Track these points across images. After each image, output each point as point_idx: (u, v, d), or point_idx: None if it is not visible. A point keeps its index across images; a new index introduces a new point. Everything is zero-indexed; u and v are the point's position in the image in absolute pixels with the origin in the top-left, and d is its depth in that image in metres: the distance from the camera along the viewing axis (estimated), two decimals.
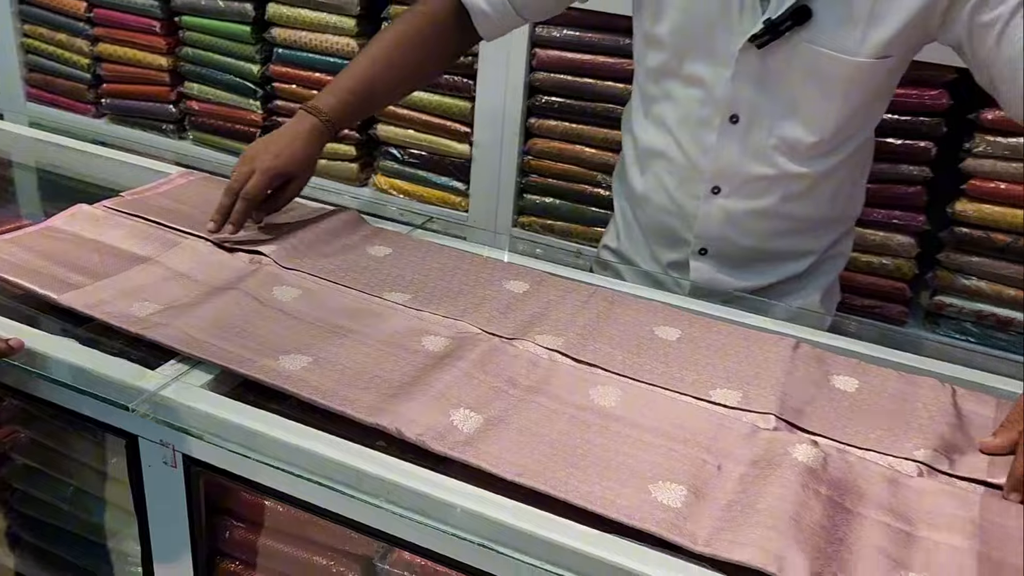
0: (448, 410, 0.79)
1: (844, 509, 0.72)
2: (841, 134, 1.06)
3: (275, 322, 0.93)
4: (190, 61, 2.03)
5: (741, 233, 1.13)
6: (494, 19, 1.16)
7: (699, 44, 1.06)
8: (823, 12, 0.99)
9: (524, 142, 1.76)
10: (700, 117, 1.09)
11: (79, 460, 1.00)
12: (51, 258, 1.03)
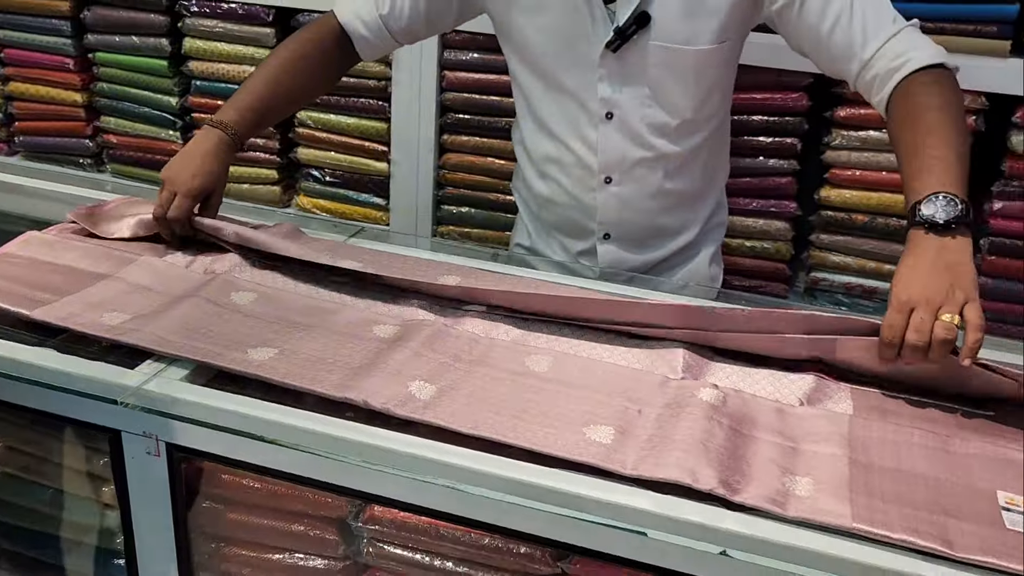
0: (405, 382, 0.92)
1: (742, 434, 0.89)
2: (700, 113, 1.25)
3: (238, 323, 1.04)
4: (106, 96, 2.09)
5: (636, 214, 1.31)
6: (373, 42, 1.32)
7: (564, 59, 1.24)
8: (661, 14, 1.17)
9: (439, 157, 1.90)
10: (580, 120, 1.26)
11: (56, 463, 1.08)
12: (13, 280, 1.11)
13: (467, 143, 1.86)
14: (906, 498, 0.82)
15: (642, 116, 1.24)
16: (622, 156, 1.27)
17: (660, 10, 1.17)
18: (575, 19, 1.21)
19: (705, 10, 1.17)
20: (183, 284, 1.12)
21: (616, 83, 1.23)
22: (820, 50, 1.17)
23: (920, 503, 0.82)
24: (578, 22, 1.21)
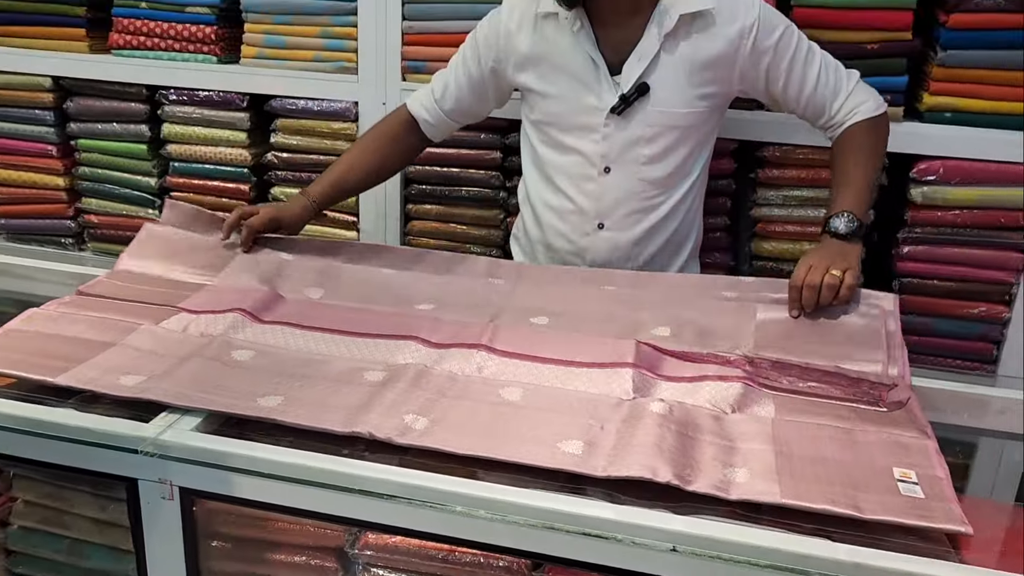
0: (401, 416, 1.07)
1: (688, 437, 1.06)
2: (684, 169, 1.50)
3: (241, 377, 1.17)
4: (87, 179, 2.22)
5: (622, 258, 1.53)
6: (435, 125, 1.64)
7: (574, 120, 1.49)
8: (658, 84, 1.44)
9: (404, 224, 2.06)
10: (582, 173, 1.50)
11: (75, 513, 1.19)
12: (27, 352, 1.23)
13: (430, 211, 2.03)
14: (823, 478, 1.00)
15: (636, 170, 1.49)
16: (616, 205, 1.50)
17: (658, 81, 1.44)
18: (586, 87, 1.47)
19: (695, 83, 1.44)
20: (185, 347, 1.25)
21: (616, 142, 1.47)
22: (798, 111, 1.50)
23: (834, 481, 0.99)
24: (586, 90, 1.47)
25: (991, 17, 1.64)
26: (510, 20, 1.52)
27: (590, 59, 1.46)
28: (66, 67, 2.12)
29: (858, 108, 1.47)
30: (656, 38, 1.43)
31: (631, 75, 1.44)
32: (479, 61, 1.57)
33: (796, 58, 1.46)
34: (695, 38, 1.43)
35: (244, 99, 2.05)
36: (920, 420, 1.16)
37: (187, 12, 2.03)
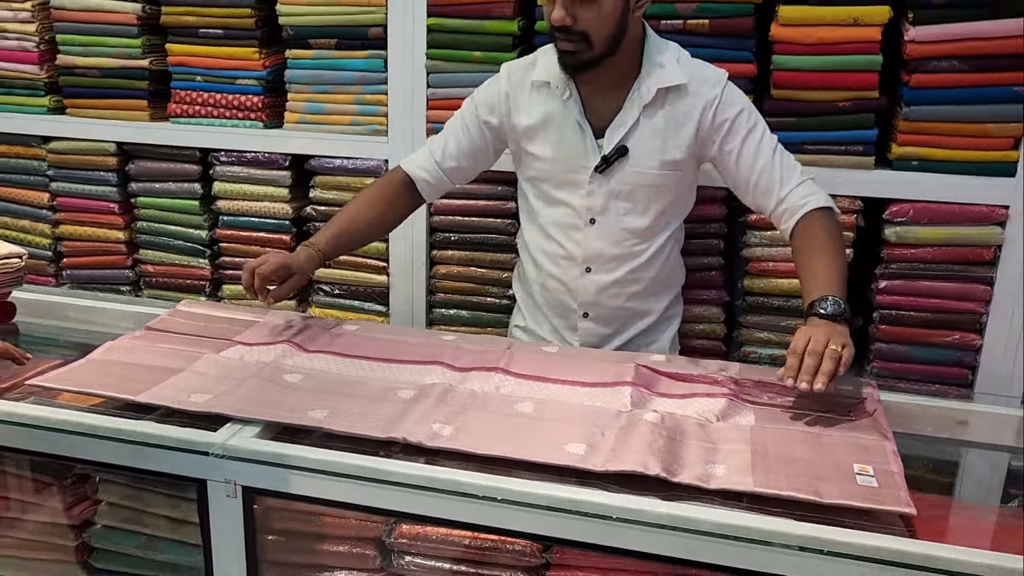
0: (430, 424, 1.27)
1: (676, 440, 1.25)
2: (662, 220, 1.69)
3: (293, 395, 1.38)
4: (145, 233, 2.46)
5: (608, 298, 1.72)
6: (433, 184, 1.79)
7: (562, 178, 1.69)
8: (636, 148, 1.63)
9: (430, 269, 2.27)
10: (570, 223, 1.70)
11: (151, 512, 1.39)
12: (111, 376, 1.44)
13: (453, 256, 2.24)
14: (791, 471, 1.18)
15: (618, 222, 1.68)
16: (601, 252, 1.70)
17: (636, 144, 1.64)
18: (572, 149, 1.66)
19: (670, 147, 1.63)
20: (243, 372, 1.46)
21: (600, 197, 1.67)
22: (747, 190, 1.64)
23: (801, 474, 1.18)
24: (575, 151, 1.66)
25: (948, 77, 1.84)
26: (508, 86, 1.71)
27: (578, 124, 1.65)
28: (129, 134, 2.38)
29: (809, 198, 1.59)
30: (636, 108, 1.62)
31: (613, 139, 1.63)
32: (479, 124, 1.75)
33: (751, 137, 1.61)
34: (669, 109, 1.63)
35: (286, 159, 2.29)
36: (883, 426, 1.34)
37: (237, 84, 2.29)
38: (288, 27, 2.22)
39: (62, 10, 2.34)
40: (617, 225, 1.69)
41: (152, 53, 2.34)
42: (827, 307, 1.44)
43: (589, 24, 1.53)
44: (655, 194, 1.67)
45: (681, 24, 1.94)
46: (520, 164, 1.77)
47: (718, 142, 1.64)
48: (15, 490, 1.48)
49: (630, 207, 1.67)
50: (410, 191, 1.80)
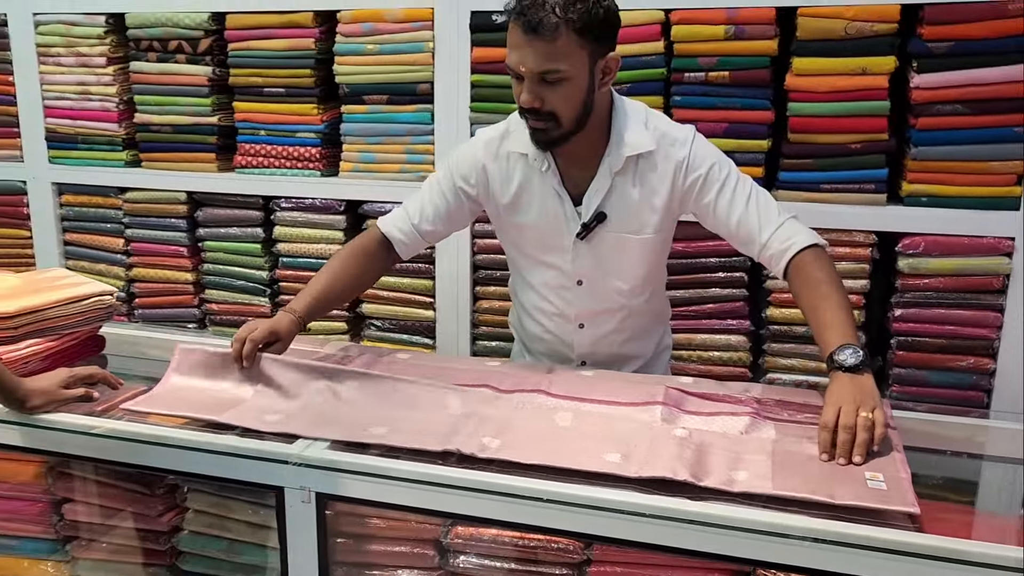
0: (480, 438, 1.42)
1: (702, 451, 1.38)
2: (646, 281, 1.76)
3: (356, 413, 1.54)
4: (211, 274, 2.68)
5: (604, 346, 1.81)
6: (409, 244, 1.79)
7: (545, 245, 1.74)
8: (613, 214, 1.65)
9: (473, 304, 2.45)
10: (559, 284, 1.76)
11: (233, 518, 1.55)
12: (191, 400, 1.61)
13: (495, 292, 2.42)
14: (808, 477, 1.31)
15: (604, 283, 1.74)
16: (591, 309, 1.77)
17: (613, 210, 1.65)
18: (553, 217, 1.68)
19: (645, 210, 1.68)
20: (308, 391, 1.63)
21: (584, 261, 1.70)
22: (730, 236, 1.65)
23: (816, 479, 1.30)
24: (555, 219, 1.68)
25: (952, 120, 1.99)
26: (484, 157, 1.71)
27: (556, 193, 1.66)
28: (198, 184, 2.61)
29: (793, 238, 1.57)
30: (608, 175, 1.63)
31: (590, 206, 1.65)
32: (456, 190, 1.75)
33: (725, 187, 1.62)
34: (640, 174, 1.64)
35: (341, 205, 2.50)
36: (894, 439, 1.47)
37: (297, 137, 2.51)
38: (344, 85, 2.44)
39: (141, 74, 2.59)
40: (604, 286, 1.73)
41: (220, 111, 2.58)
42: (848, 358, 1.41)
43: (556, 105, 1.54)
44: (638, 256, 1.70)
45: (703, 76, 2.12)
46: (502, 231, 1.80)
47: (693, 198, 1.66)
48: (112, 499, 1.66)
49: (614, 269, 1.71)
50: (386, 250, 1.81)
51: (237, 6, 2.47)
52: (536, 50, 1.50)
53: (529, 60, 1.51)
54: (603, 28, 1.54)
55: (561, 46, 1.49)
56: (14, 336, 1.72)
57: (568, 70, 1.51)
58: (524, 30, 1.49)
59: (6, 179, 2.81)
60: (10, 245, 2.86)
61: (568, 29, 1.49)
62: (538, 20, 1.47)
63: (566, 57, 1.50)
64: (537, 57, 1.50)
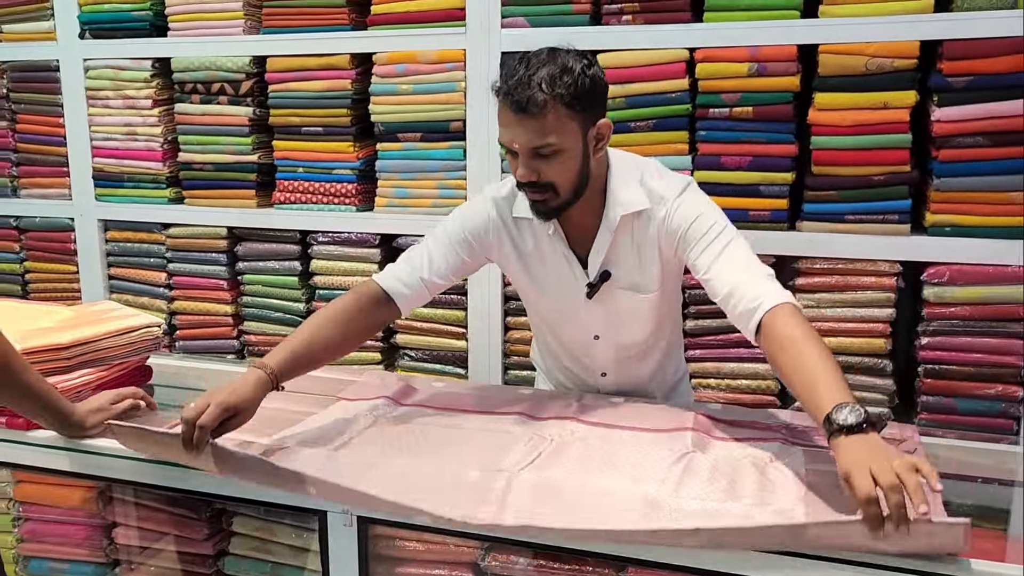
0: (516, 472, 1.47)
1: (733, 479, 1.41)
2: (660, 330, 1.80)
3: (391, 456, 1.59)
4: (249, 307, 2.76)
5: (628, 386, 1.85)
6: (412, 297, 1.72)
7: (557, 301, 1.76)
8: (617, 272, 1.68)
9: (504, 334, 2.50)
10: (578, 340, 1.80)
11: (277, 541, 1.61)
12: None
13: (525, 322, 2.47)
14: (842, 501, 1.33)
15: (619, 337, 1.75)
16: (611, 359, 1.81)
17: (617, 269, 1.68)
18: (564, 279, 1.71)
19: (645, 267, 1.68)
20: (346, 430, 1.68)
21: (596, 319, 1.73)
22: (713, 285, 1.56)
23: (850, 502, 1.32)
24: (566, 281, 1.70)
25: (973, 152, 2.03)
26: (497, 217, 1.72)
27: (564, 256, 1.69)
28: (238, 219, 2.71)
29: (763, 297, 1.46)
30: (608, 234, 1.65)
31: (595, 265, 1.67)
32: (468, 245, 1.73)
33: (708, 237, 1.57)
34: (637, 232, 1.65)
35: (376, 238, 2.58)
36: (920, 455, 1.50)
37: (333, 174, 2.60)
38: (379, 123, 2.53)
39: (184, 115, 2.71)
40: (620, 340, 1.76)
41: (260, 149, 2.68)
42: (848, 418, 1.25)
43: (554, 176, 1.55)
44: (647, 313, 1.72)
45: (727, 112, 2.19)
46: (518, 288, 1.83)
47: (679, 248, 1.63)
48: (160, 523, 1.72)
49: (625, 323, 1.74)
50: (384, 306, 1.71)
51: (277, 50, 2.57)
52: (527, 128, 1.50)
53: (521, 138, 1.52)
54: (591, 98, 1.54)
55: (551, 121, 1.50)
56: (68, 366, 1.80)
57: (561, 143, 1.52)
58: (513, 110, 1.50)
59: (55, 216, 2.92)
60: (58, 279, 2.97)
61: (557, 104, 1.49)
62: (526, 99, 1.48)
63: (557, 131, 1.51)
64: (528, 134, 1.51)
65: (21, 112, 2.91)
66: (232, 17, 2.60)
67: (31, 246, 2.98)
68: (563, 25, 2.29)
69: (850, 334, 2.19)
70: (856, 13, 2.06)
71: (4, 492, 1.84)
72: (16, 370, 1.52)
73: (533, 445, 1.56)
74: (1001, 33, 1.96)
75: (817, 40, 2.10)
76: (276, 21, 2.57)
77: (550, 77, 1.50)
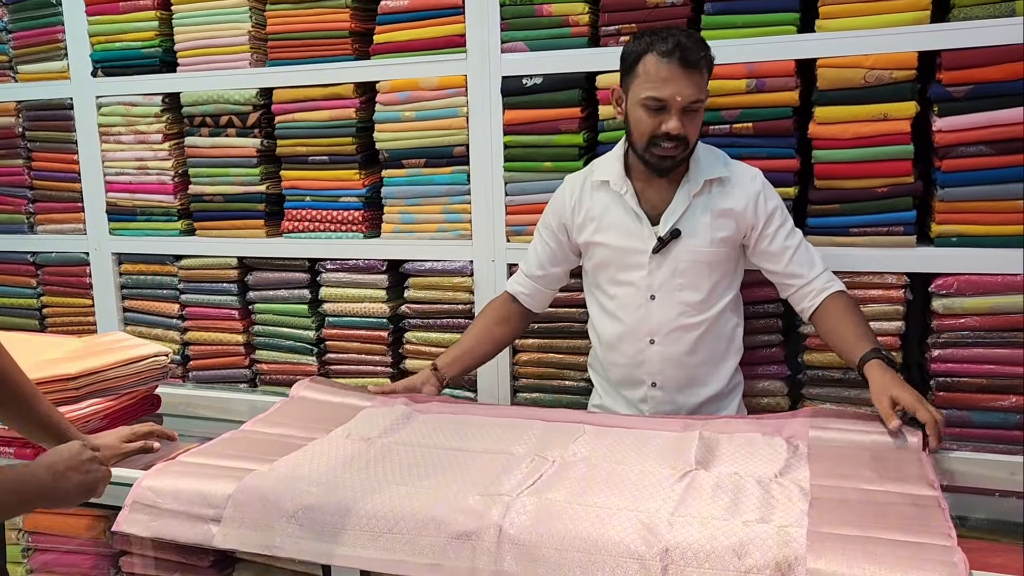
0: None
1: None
2: (715, 292, 1.92)
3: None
4: (261, 335, 2.78)
5: (673, 368, 1.94)
6: (533, 296, 2.15)
7: (623, 261, 1.95)
8: (687, 229, 1.90)
9: (513, 356, 2.50)
10: (632, 301, 1.95)
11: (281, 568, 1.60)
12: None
13: (533, 344, 2.47)
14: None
15: (675, 296, 1.93)
16: (661, 324, 1.93)
17: (687, 227, 1.91)
18: (632, 235, 1.95)
19: (715, 227, 1.91)
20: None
21: (658, 275, 1.93)
22: (775, 269, 1.94)
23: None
24: (634, 236, 1.94)
25: (976, 160, 2.01)
26: (571, 197, 2.04)
27: (634, 214, 1.94)
28: (248, 249, 2.73)
29: (833, 282, 1.92)
30: (686, 197, 1.92)
31: (667, 224, 1.92)
32: (554, 234, 2.08)
33: (783, 228, 1.94)
34: (714, 196, 1.93)
35: (383, 264, 2.59)
36: (930, 475, 1.48)
37: (340, 201, 2.63)
38: (384, 151, 2.56)
39: (194, 148, 2.76)
40: (675, 299, 1.93)
41: (268, 179, 2.72)
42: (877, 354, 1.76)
43: (690, 131, 1.85)
44: (707, 269, 1.93)
45: (728, 128, 2.19)
46: (587, 254, 2.05)
47: (759, 228, 1.92)
48: (168, 552, 1.72)
49: (685, 282, 1.93)
50: (517, 307, 2.16)
51: (283, 82, 2.62)
52: (691, 82, 1.81)
53: (686, 91, 1.81)
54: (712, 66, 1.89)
55: (703, 80, 1.84)
56: (76, 396, 1.83)
57: (704, 100, 1.86)
58: (682, 65, 1.79)
59: (71, 251, 2.97)
60: (74, 313, 3.01)
61: (707, 65, 1.84)
62: (696, 58, 1.80)
63: (703, 90, 1.85)
64: (692, 88, 1.81)
65: (36, 150, 2.97)
66: (238, 51, 2.65)
67: (48, 281, 3.03)
68: (562, 48, 2.31)
69: None
70: (853, 26, 2.06)
71: (14, 522, 1.85)
72: (30, 400, 1.55)
73: (535, 466, 1.56)
74: (999, 41, 1.95)
75: (815, 54, 2.10)
76: (281, 53, 2.61)
77: (700, 44, 1.84)
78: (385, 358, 2.65)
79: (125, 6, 2.76)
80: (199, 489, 1.54)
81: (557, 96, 2.32)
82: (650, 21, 2.21)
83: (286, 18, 2.59)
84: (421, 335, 2.58)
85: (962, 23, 1.99)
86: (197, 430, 2.13)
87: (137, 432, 1.74)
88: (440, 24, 2.43)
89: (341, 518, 1.45)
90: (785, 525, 1.31)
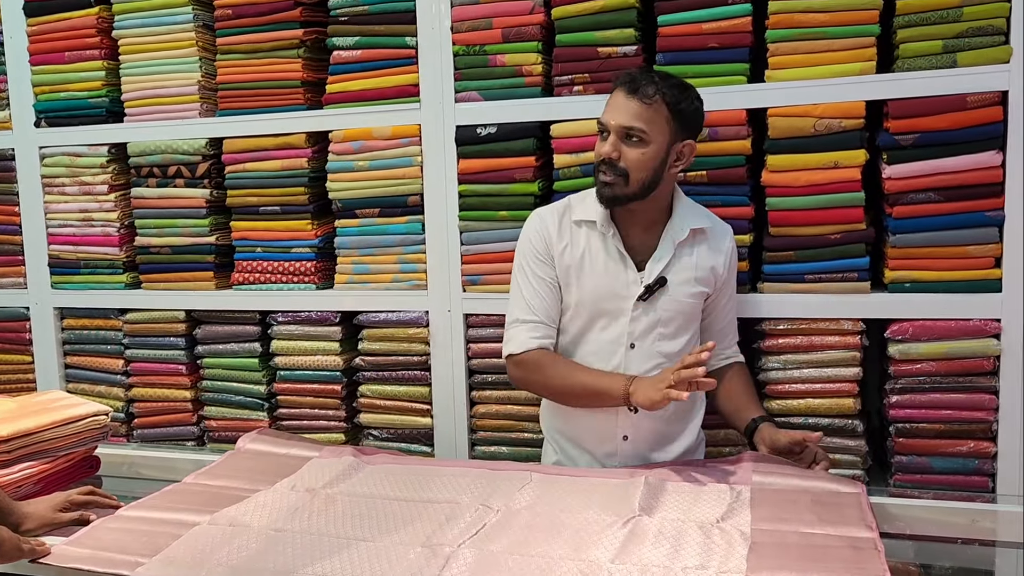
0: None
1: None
2: (688, 345, 1.90)
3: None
4: (209, 391, 2.69)
5: (649, 420, 1.88)
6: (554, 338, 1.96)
7: (606, 307, 1.90)
8: (673, 279, 1.88)
9: (470, 409, 2.45)
10: (610, 351, 1.90)
11: None
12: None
13: (491, 396, 2.42)
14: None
15: (655, 347, 1.90)
16: (640, 372, 1.86)
17: (672, 276, 1.89)
18: (617, 280, 1.89)
19: (697, 279, 1.92)
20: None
21: (641, 323, 1.89)
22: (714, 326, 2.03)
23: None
24: (619, 282, 1.89)
25: (926, 207, 2.04)
26: (550, 225, 1.93)
27: (620, 256, 1.89)
28: (196, 302, 2.66)
29: (739, 354, 2.06)
30: (671, 245, 1.90)
31: (653, 271, 1.88)
32: (543, 262, 1.92)
33: (733, 288, 2.02)
34: (697, 247, 1.92)
35: (337, 316, 2.53)
36: (868, 517, 1.50)
37: (292, 252, 2.57)
38: (337, 200, 2.52)
39: (141, 199, 2.69)
40: (654, 349, 1.90)
41: (218, 230, 2.66)
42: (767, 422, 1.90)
43: (630, 164, 1.80)
44: (687, 320, 1.92)
45: (682, 176, 2.19)
46: (566, 292, 1.93)
47: (720, 285, 1.96)
48: None
49: (666, 332, 1.90)
50: None
51: (233, 131, 2.57)
52: (630, 109, 1.78)
53: (620, 115, 1.79)
54: (691, 116, 1.85)
55: (651, 112, 1.78)
56: (8, 460, 1.73)
57: (649, 134, 1.79)
58: (627, 92, 1.79)
59: (10, 306, 2.87)
60: (12, 371, 2.89)
61: (662, 100, 1.78)
62: (641, 84, 1.78)
63: (652, 123, 1.79)
64: (628, 114, 1.78)
65: None
66: (188, 101, 2.60)
67: None
68: (516, 97, 2.31)
69: (818, 395, 2.16)
70: (801, 76, 2.09)
71: None
72: None
73: (479, 516, 1.53)
74: (942, 91, 1.99)
75: (765, 103, 2.13)
76: (231, 103, 2.57)
77: (666, 79, 1.83)
78: (339, 412, 2.57)
79: (71, 56, 2.70)
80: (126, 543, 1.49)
81: (512, 145, 2.31)
82: (603, 71, 2.22)
83: (237, 68, 2.56)
84: (376, 388, 2.52)
85: (906, 73, 2.03)
86: (141, 491, 2.04)
87: (73, 501, 1.65)
88: (393, 74, 2.42)
89: None
90: (724, 572, 1.32)
